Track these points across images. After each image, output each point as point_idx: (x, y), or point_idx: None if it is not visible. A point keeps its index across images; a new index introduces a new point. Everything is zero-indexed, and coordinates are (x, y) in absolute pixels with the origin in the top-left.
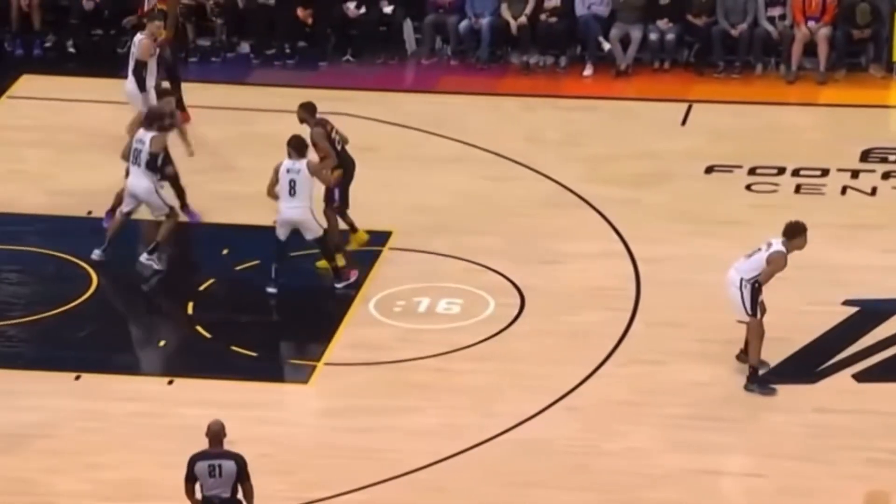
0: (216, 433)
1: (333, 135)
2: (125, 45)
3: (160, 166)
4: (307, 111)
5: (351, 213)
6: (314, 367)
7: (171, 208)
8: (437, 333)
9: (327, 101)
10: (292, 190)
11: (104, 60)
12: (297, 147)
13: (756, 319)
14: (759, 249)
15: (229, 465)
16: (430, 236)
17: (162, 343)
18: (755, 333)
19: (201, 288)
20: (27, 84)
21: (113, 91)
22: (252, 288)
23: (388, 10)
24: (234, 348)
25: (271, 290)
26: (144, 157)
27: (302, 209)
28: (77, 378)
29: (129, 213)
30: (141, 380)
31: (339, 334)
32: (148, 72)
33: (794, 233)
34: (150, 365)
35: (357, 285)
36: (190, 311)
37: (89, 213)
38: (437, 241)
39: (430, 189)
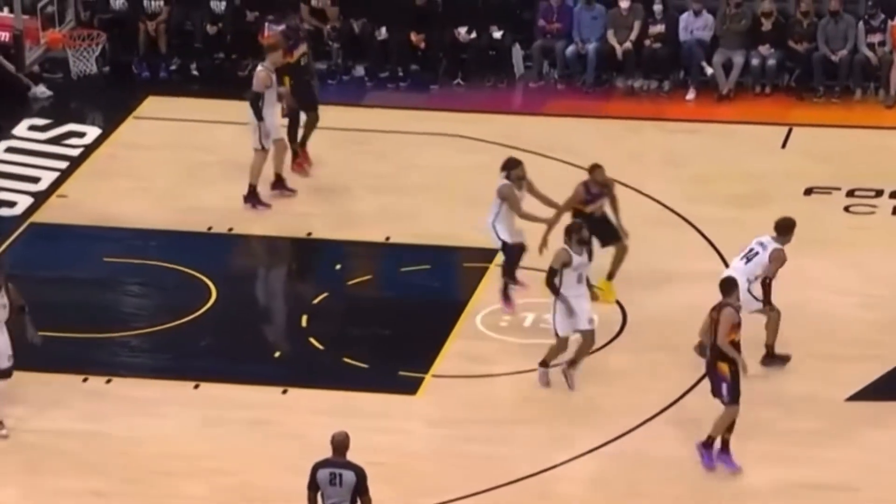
0: (340, 443)
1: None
2: (246, 69)
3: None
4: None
5: (458, 230)
6: (422, 379)
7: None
8: (541, 348)
9: (438, 123)
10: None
11: (226, 83)
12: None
13: (776, 311)
14: (755, 252)
15: (349, 476)
16: (536, 253)
17: (277, 354)
18: (776, 323)
19: (315, 301)
20: (152, 105)
21: (233, 112)
22: (363, 302)
23: (497, 35)
24: (345, 360)
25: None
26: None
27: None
28: (196, 387)
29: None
30: (257, 389)
31: (447, 347)
32: (265, 102)
33: (787, 229)
34: (265, 375)
35: (464, 300)
36: (304, 323)
37: (209, 228)
38: (543, 258)
39: (538, 208)
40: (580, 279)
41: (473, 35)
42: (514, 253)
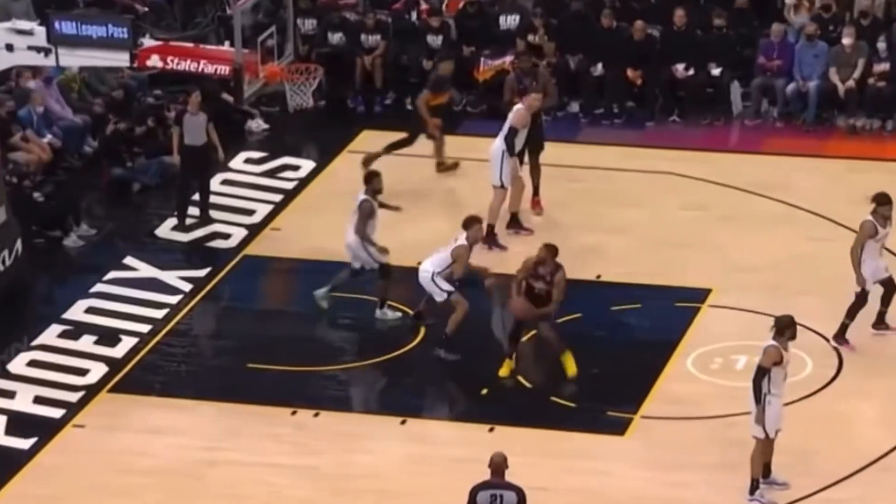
0: (498, 465)
1: None
2: (459, 103)
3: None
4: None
5: (671, 269)
6: (630, 420)
7: None
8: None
9: (653, 160)
10: None
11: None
12: None
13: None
14: (449, 245)
15: (510, 496)
16: (750, 295)
17: (484, 391)
18: (459, 311)
19: (523, 339)
20: (367, 139)
21: (448, 147)
22: (572, 340)
23: (715, 72)
24: (553, 399)
25: None
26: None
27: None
28: (403, 423)
29: None
30: (463, 426)
31: (656, 388)
32: (518, 139)
33: (469, 224)
34: (472, 412)
35: (675, 340)
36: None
37: (418, 263)
38: (758, 300)
39: (753, 248)
40: (784, 378)
41: (691, 72)
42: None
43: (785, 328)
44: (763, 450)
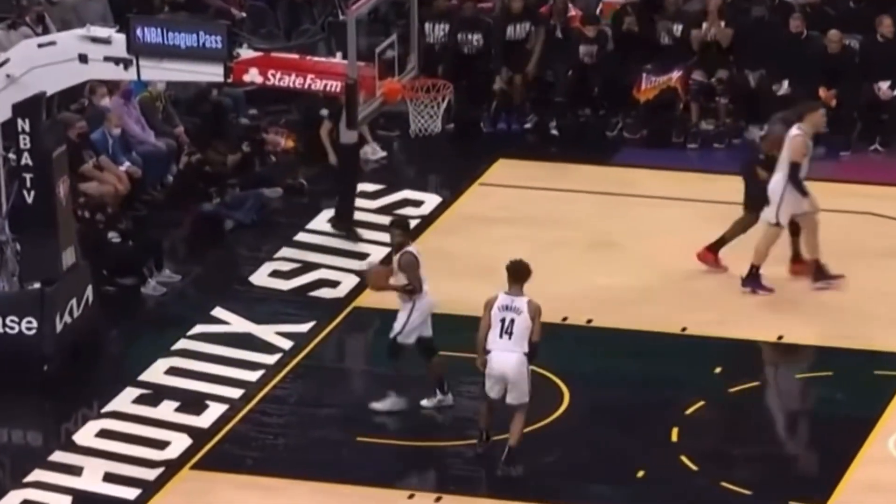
0: None
1: None
2: (614, 128)
3: None
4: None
5: (869, 330)
6: None
7: None
8: None
9: (848, 198)
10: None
11: (590, 145)
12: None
13: None
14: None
15: None
16: None
17: (640, 474)
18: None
19: (689, 412)
20: (502, 169)
21: (598, 180)
22: (748, 414)
23: None
24: (724, 484)
25: None
26: None
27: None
28: None
29: None
30: None
31: (851, 473)
32: (802, 173)
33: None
34: (625, 498)
35: (874, 417)
36: (675, 437)
37: (564, 319)
38: None
39: None
40: None
41: None
42: None
43: None
44: None
